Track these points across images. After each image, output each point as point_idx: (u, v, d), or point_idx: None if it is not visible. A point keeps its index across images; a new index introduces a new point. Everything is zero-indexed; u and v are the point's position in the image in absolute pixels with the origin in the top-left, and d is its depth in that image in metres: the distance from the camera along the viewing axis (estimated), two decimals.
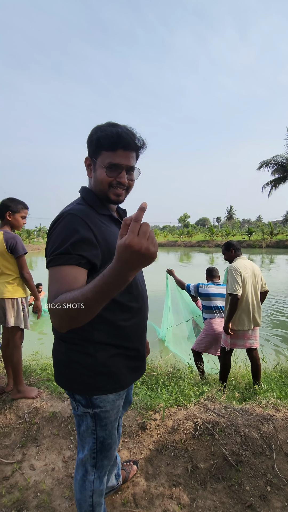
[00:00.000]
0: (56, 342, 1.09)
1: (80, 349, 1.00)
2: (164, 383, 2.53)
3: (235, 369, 3.54)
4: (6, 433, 2.05)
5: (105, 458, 1.15)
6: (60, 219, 0.93)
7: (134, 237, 0.63)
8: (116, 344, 1.02)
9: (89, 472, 1.13)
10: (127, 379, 1.08)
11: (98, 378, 1.01)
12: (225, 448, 1.75)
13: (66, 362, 1.04)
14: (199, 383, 2.66)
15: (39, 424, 2.09)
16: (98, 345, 1.00)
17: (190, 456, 1.76)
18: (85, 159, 1.04)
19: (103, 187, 1.00)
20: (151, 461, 1.75)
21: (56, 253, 0.87)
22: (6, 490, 1.63)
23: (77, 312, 0.76)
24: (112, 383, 1.03)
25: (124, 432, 1.94)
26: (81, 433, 1.11)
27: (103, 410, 1.05)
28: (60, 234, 0.89)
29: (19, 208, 2.35)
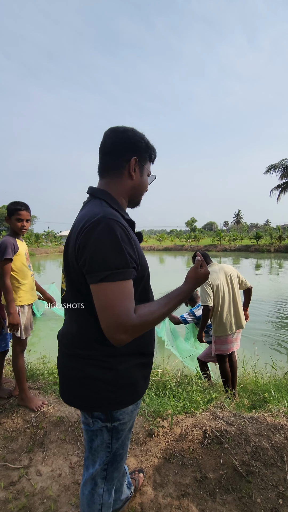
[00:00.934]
0: (68, 360, 1.01)
1: (100, 364, 0.96)
2: (172, 389, 2.50)
3: (244, 375, 3.47)
4: (13, 437, 2.04)
5: (116, 470, 1.12)
6: (99, 225, 0.84)
7: (207, 269, 1.04)
8: (136, 352, 1.02)
9: (98, 485, 1.09)
10: (143, 388, 1.08)
11: (119, 392, 0.98)
12: (235, 458, 1.70)
13: (82, 379, 0.97)
14: (208, 389, 2.61)
15: (46, 429, 2.07)
16: (120, 357, 0.97)
17: (199, 465, 1.72)
18: (133, 159, 1.00)
19: (143, 192, 1.10)
20: (159, 470, 1.72)
21: (115, 266, 0.83)
22: (13, 496, 1.62)
23: (159, 321, 0.91)
24: (132, 394, 1.02)
25: (131, 439, 1.91)
26: (94, 448, 1.06)
27: (121, 422, 1.04)
28: (109, 245, 0.83)
29: (13, 210, 2.24)
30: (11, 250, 2.18)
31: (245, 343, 5.34)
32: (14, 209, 2.25)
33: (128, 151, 1.00)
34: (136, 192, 1.06)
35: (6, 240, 2.21)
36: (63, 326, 1.08)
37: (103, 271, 0.82)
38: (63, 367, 1.04)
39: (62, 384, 1.05)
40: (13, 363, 2.30)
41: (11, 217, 2.26)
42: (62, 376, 1.05)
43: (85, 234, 0.86)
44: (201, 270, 1.03)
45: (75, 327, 0.99)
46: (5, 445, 2.00)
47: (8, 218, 2.28)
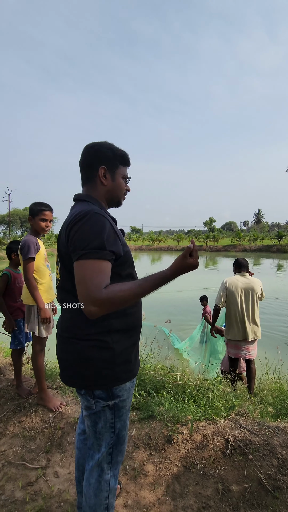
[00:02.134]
0: (67, 343, 1.11)
1: (99, 344, 1.06)
2: (191, 393, 2.41)
3: (267, 381, 3.31)
4: (31, 436, 2.05)
5: (119, 452, 1.17)
6: (86, 216, 1.01)
7: (197, 260, 1.03)
8: (128, 328, 1.13)
9: (105, 471, 1.13)
10: (136, 366, 1.19)
11: (117, 369, 1.08)
12: (260, 471, 1.60)
13: (83, 360, 1.06)
14: (229, 395, 2.50)
15: (63, 430, 2.06)
16: (115, 334, 1.08)
17: (221, 477, 1.63)
18: (101, 169, 1.16)
19: (120, 194, 1.23)
20: (178, 479, 1.65)
21: (92, 247, 0.96)
22: (30, 497, 1.61)
23: (131, 300, 0.97)
24: (128, 371, 1.13)
25: (149, 444, 1.85)
26: (98, 431, 1.12)
27: (121, 399, 1.12)
28: (91, 230, 0.98)
29: (38, 210, 2.27)
30: (34, 249, 2.21)
31: (268, 347, 5.13)
32: (39, 210, 2.27)
33: (96, 162, 1.16)
34: (112, 194, 1.20)
35: (28, 239, 2.23)
36: (61, 314, 1.19)
37: (81, 250, 0.97)
38: (63, 352, 1.13)
39: (62, 368, 1.14)
40: (33, 361, 2.32)
41: (35, 217, 2.28)
42: (62, 360, 1.13)
43: (74, 224, 1.02)
44: (190, 259, 1.01)
45: (72, 310, 1.09)
46: (24, 443, 2.00)
47: (32, 218, 2.30)
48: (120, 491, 1.59)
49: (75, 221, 1.02)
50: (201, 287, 12.88)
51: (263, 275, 17.40)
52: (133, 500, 1.56)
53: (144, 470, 1.71)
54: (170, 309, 8.67)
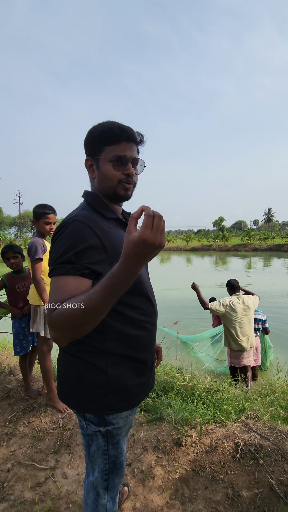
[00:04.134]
0: (63, 357, 0.99)
1: (91, 365, 0.93)
2: (200, 395, 2.38)
3: (278, 383, 3.24)
4: (40, 437, 2.06)
5: (117, 476, 1.08)
6: (64, 226, 0.87)
7: (149, 233, 0.65)
8: (127, 355, 0.96)
9: (101, 496, 1.05)
10: (140, 396, 1.03)
11: (110, 397, 0.94)
12: (271, 476, 1.56)
13: (74, 380, 0.95)
14: (239, 397, 2.46)
15: (72, 431, 2.07)
16: (110, 357, 0.93)
17: (231, 482, 1.59)
18: (85, 160, 0.99)
19: (111, 183, 0.95)
20: (187, 483, 1.62)
21: (58, 262, 0.83)
22: (39, 498, 1.61)
23: (83, 318, 0.74)
24: (125, 400, 0.98)
25: (158, 447, 1.84)
26: (91, 454, 1.03)
27: (115, 427, 0.99)
28: (64, 243, 0.84)
29: (41, 213, 2.29)
30: (41, 250, 2.25)
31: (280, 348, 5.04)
32: (42, 213, 2.30)
33: (86, 154, 1.00)
34: (102, 186, 0.97)
35: (35, 241, 2.27)
36: None
37: (50, 265, 0.86)
38: (60, 364, 1.02)
39: (58, 382, 1.04)
40: (40, 362, 2.33)
41: (39, 220, 2.31)
42: (59, 373, 1.03)
43: (54, 235, 0.91)
44: (133, 234, 0.67)
45: None
46: (33, 444, 2.02)
47: (36, 221, 2.33)
48: (128, 494, 1.58)
49: (55, 232, 0.90)
50: (212, 284, 12.79)
51: (274, 275, 17.11)
52: (141, 503, 1.54)
53: (152, 473, 1.69)
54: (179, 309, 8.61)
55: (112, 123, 0.95)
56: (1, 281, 2.54)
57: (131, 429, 1.31)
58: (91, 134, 0.96)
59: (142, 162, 1.00)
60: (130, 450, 1.85)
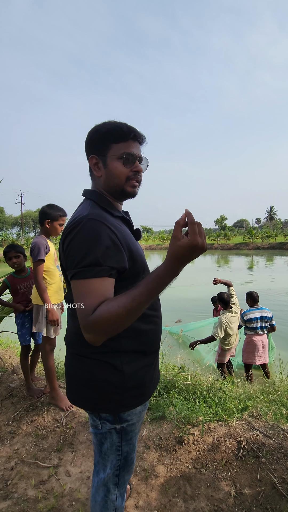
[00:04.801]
0: (73, 358, 0.99)
1: (106, 365, 0.93)
2: (202, 394, 2.38)
3: (281, 381, 3.24)
4: (43, 435, 2.07)
5: (127, 473, 1.09)
6: (79, 225, 0.85)
7: (196, 237, 0.73)
8: (140, 350, 0.99)
9: (111, 492, 1.06)
10: (150, 390, 1.06)
11: (126, 394, 0.96)
12: (273, 474, 1.56)
13: (89, 381, 0.95)
14: (241, 395, 2.46)
15: (75, 429, 2.08)
16: (125, 355, 0.95)
17: (233, 480, 1.60)
18: (90, 158, 0.97)
19: (119, 181, 0.96)
20: (190, 481, 1.62)
21: (84, 264, 0.82)
22: (42, 496, 1.62)
23: (126, 318, 0.78)
24: (139, 396, 1.00)
25: (160, 445, 1.84)
26: (104, 452, 1.03)
27: (130, 423, 1.01)
28: (84, 243, 0.83)
29: (57, 215, 2.31)
30: (43, 252, 2.24)
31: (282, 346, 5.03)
32: (58, 215, 2.31)
33: (88, 152, 0.99)
34: (110, 184, 0.97)
35: (38, 241, 2.26)
36: (68, 325, 1.07)
37: (73, 268, 0.84)
38: (70, 367, 1.02)
39: (69, 385, 1.03)
40: (43, 361, 2.35)
41: (54, 222, 2.30)
42: (69, 376, 1.03)
43: (67, 235, 0.88)
44: (184, 239, 0.73)
45: (77, 324, 0.94)
46: (36, 442, 2.03)
47: (50, 222, 2.30)
48: (130, 491, 1.59)
49: (68, 231, 0.88)
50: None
51: (276, 273, 17.05)
52: (144, 501, 1.55)
53: (155, 471, 1.70)
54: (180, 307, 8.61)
55: (118, 122, 0.96)
56: (3, 283, 2.55)
57: None
58: (97, 132, 0.96)
59: (146, 161, 1.02)
60: None
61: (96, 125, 0.98)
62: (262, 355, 4.16)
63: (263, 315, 4.21)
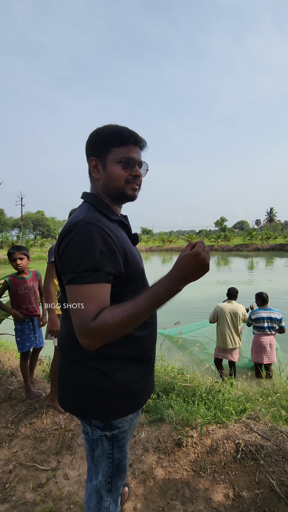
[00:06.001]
0: (65, 363, 0.98)
1: (97, 371, 0.92)
2: (201, 396, 2.38)
3: (280, 383, 3.23)
4: (42, 438, 2.07)
5: (120, 479, 1.08)
6: (75, 229, 0.84)
7: (201, 251, 0.79)
8: (132, 357, 0.97)
9: (104, 498, 1.05)
10: (143, 398, 1.04)
11: (116, 401, 0.94)
12: (272, 477, 1.55)
13: (79, 386, 0.94)
14: (240, 397, 2.45)
15: (73, 431, 2.07)
16: (115, 361, 0.94)
17: (232, 482, 1.59)
18: (90, 161, 0.97)
19: (118, 184, 0.96)
20: (188, 483, 1.62)
21: (82, 269, 0.81)
22: (40, 499, 1.62)
23: (129, 324, 0.81)
24: (130, 403, 0.98)
25: (159, 447, 1.84)
26: (96, 458, 1.01)
27: (121, 430, 1.00)
28: (81, 248, 0.82)
29: None
30: None
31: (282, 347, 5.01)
32: None
33: (88, 154, 0.99)
34: (108, 186, 0.98)
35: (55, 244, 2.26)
36: (60, 329, 1.07)
37: (70, 274, 0.83)
38: (62, 371, 1.01)
39: (59, 389, 1.02)
40: (53, 366, 2.39)
41: None
42: (60, 381, 1.02)
43: (62, 238, 0.87)
44: (188, 251, 0.81)
45: (69, 329, 0.94)
46: (35, 445, 2.02)
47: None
48: (129, 494, 1.58)
49: (64, 234, 0.87)
50: (214, 281, 12.77)
51: (276, 274, 17.04)
52: (142, 504, 1.55)
53: (153, 473, 1.69)
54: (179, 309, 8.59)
55: (120, 126, 0.97)
56: (5, 283, 2.55)
57: None
58: (98, 135, 0.96)
59: (146, 166, 1.03)
60: (131, 450, 1.86)
61: (97, 128, 0.98)
62: (270, 355, 4.24)
63: (271, 316, 4.29)
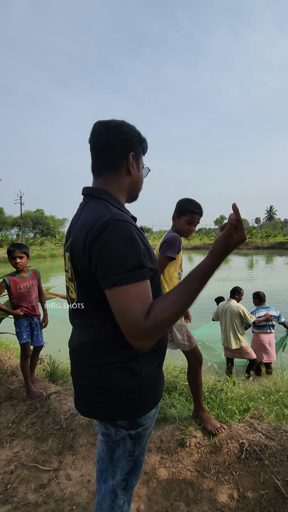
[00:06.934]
0: (89, 369, 0.95)
1: (125, 370, 0.91)
2: (204, 395, 2.36)
3: (282, 382, 3.22)
4: (44, 438, 2.05)
5: (135, 477, 1.07)
6: (109, 227, 0.81)
7: (244, 233, 0.83)
8: (155, 349, 0.97)
9: (118, 497, 1.03)
10: (162, 388, 1.06)
11: (143, 398, 0.94)
12: (277, 477, 1.54)
13: (106, 389, 0.92)
14: (243, 396, 2.44)
15: (75, 432, 2.05)
16: (143, 359, 0.93)
17: (236, 482, 1.58)
18: (130, 155, 0.97)
19: (141, 187, 1.06)
20: (192, 484, 1.60)
21: (128, 268, 0.79)
22: (42, 500, 1.60)
23: (179, 314, 0.81)
24: (153, 398, 0.99)
25: (161, 447, 1.82)
26: (115, 458, 0.99)
27: (144, 427, 0.99)
28: (122, 246, 0.80)
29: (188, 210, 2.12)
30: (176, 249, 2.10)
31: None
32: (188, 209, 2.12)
33: (126, 147, 0.96)
34: (134, 187, 1.03)
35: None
36: (74, 335, 1.02)
37: (114, 275, 0.79)
38: (82, 377, 0.97)
39: (80, 396, 0.99)
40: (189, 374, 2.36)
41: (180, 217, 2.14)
42: (81, 387, 0.98)
43: (95, 238, 0.82)
44: (235, 237, 0.82)
45: (92, 334, 0.93)
46: (36, 445, 2.01)
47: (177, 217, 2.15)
48: (132, 495, 1.56)
49: (96, 234, 0.81)
50: (212, 279, 12.73)
51: (276, 273, 17.03)
52: (145, 505, 1.53)
53: (156, 474, 1.68)
54: None
55: (145, 138, 1.05)
56: (3, 281, 2.52)
57: None
58: (139, 136, 1.01)
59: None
60: None
61: (132, 126, 1.00)
62: (269, 354, 4.26)
63: (270, 314, 4.35)
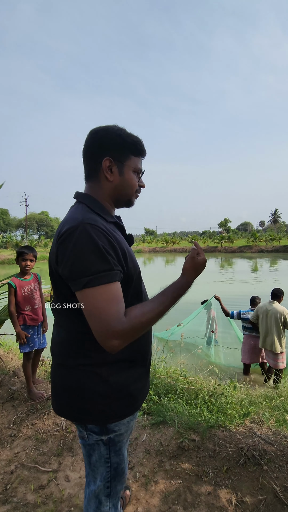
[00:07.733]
0: (59, 369, 0.97)
1: (94, 375, 0.91)
2: (204, 399, 2.36)
3: (284, 387, 3.20)
4: (44, 439, 2.06)
5: (119, 483, 1.06)
6: (76, 232, 0.81)
7: (203, 255, 0.95)
8: (129, 359, 0.97)
9: (103, 503, 1.03)
10: (140, 400, 1.03)
11: (113, 405, 0.94)
12: (275, 482, 1.53)
13: (76, 391, 0.92)
14: (244, 401, 2.43)
15: (75, 433, 2.07)
16: (112, 365, 0.93)
17: (234, 487, 1.57)
18: (105, 160, 0.94)
19: (131, 191, 1.01)
20: (190, 488, 1.60)
21: (96, 270, 0.80)
22: (41, 501, 1.61)
23: (154, 322, 0.87)
24: (127, 406, 0.97)
25: (160, 450, 1.82)
26: (93, 463, 1.00)
27: (117, 434, 0.98)
28: (91, 248, 0.80)
29: None
30: None
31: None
32: None
33: (100, 151, 0.95)
34: (120, 192, 0.99)
35: None
36: (52, 334, 1.04)
37: (84, 277, 0.80)
38: (56, 376, 0.99)
39: (54, 395, 1.00)
40: None
41: None
42: (54, 386, 1.00)
43: (63, 241, 0.83)
44: (199, 258, 0.94)
45: (63, 334, 0.95)
46: (36, 446, 2.02)
47: None
48: (130, 498, 1.57)
49: (64, 236, 0.83)
50: (217, 279, 12.77)
51: (281, 276, 16.92)
52: (143, 508, 1.53)
53: (155, 477, 1.68)
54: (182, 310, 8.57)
55: (136, 136, 1.00)
56: (10, 286, 2.53)
57: (133, 432, 1.30)
58: (121, 138, 0.95)
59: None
60: (133, 453, 1.84)
61: (115, 127, 0.97)
62: (255, 356, 4.38)
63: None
